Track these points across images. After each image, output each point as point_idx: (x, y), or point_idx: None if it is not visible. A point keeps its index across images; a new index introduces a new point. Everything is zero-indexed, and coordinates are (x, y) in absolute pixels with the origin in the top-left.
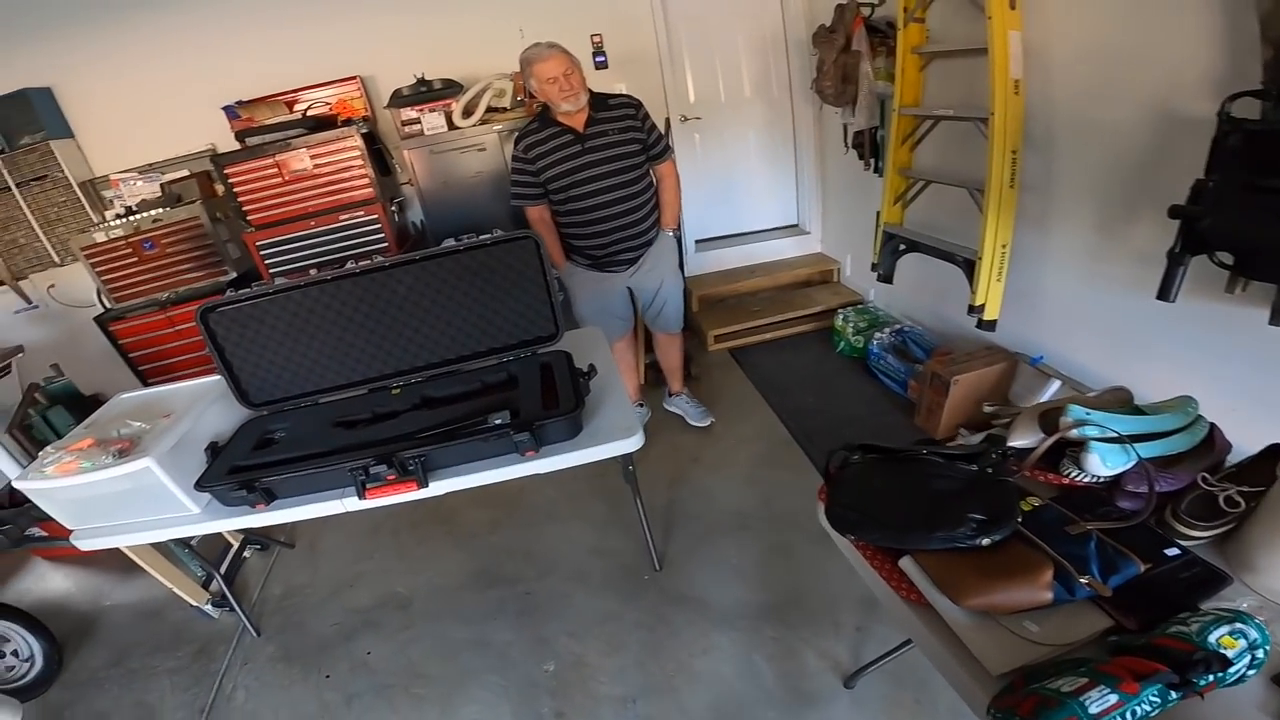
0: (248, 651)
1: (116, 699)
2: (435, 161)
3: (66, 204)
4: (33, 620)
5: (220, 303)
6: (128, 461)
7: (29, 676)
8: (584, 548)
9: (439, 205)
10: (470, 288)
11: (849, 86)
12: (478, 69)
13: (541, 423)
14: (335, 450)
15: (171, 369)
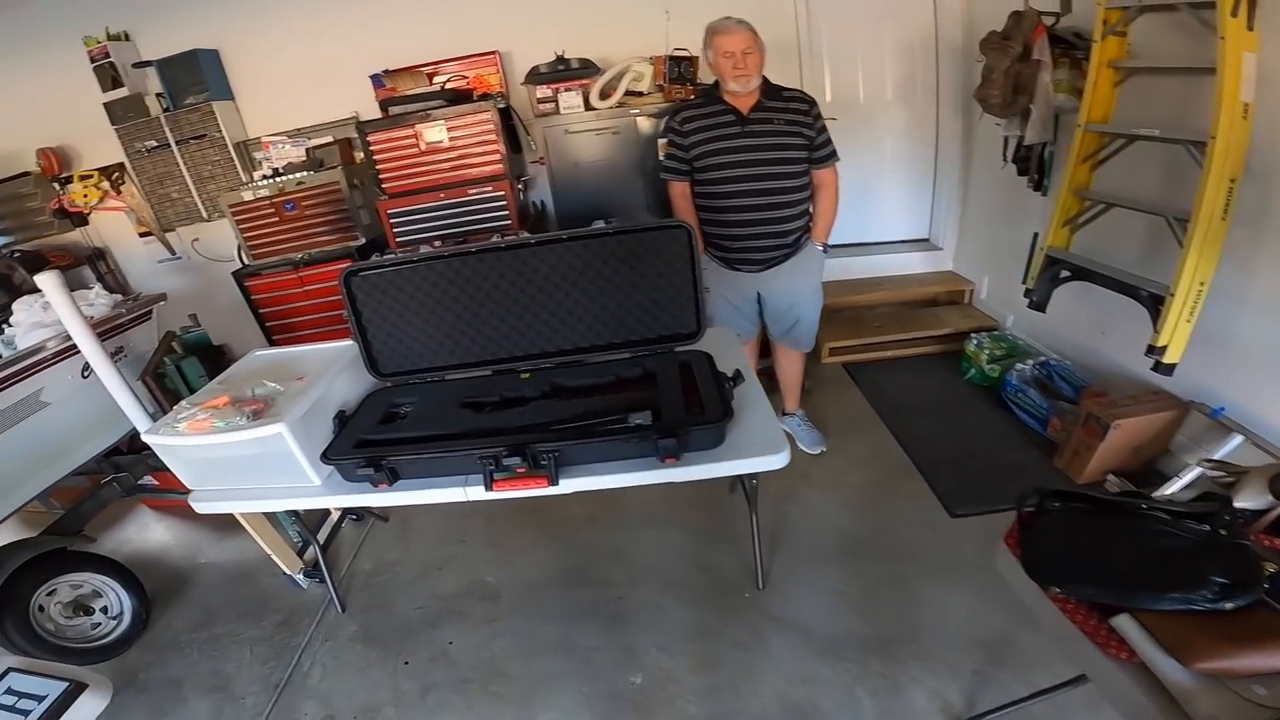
0: (330, 627)
1: (194, 665)
2: (568, 141)
3: (220, 163)
4: (129, 576)
5: (364, 267)
6: (260, 425)
7: (113, 635)
8: (681, 557)
9: (567, 186)
10: (614, 274)
11: (1020, 97)
12: (615, 51)
13: (688, 429)
14: (463, 434)
15: (295, 328)
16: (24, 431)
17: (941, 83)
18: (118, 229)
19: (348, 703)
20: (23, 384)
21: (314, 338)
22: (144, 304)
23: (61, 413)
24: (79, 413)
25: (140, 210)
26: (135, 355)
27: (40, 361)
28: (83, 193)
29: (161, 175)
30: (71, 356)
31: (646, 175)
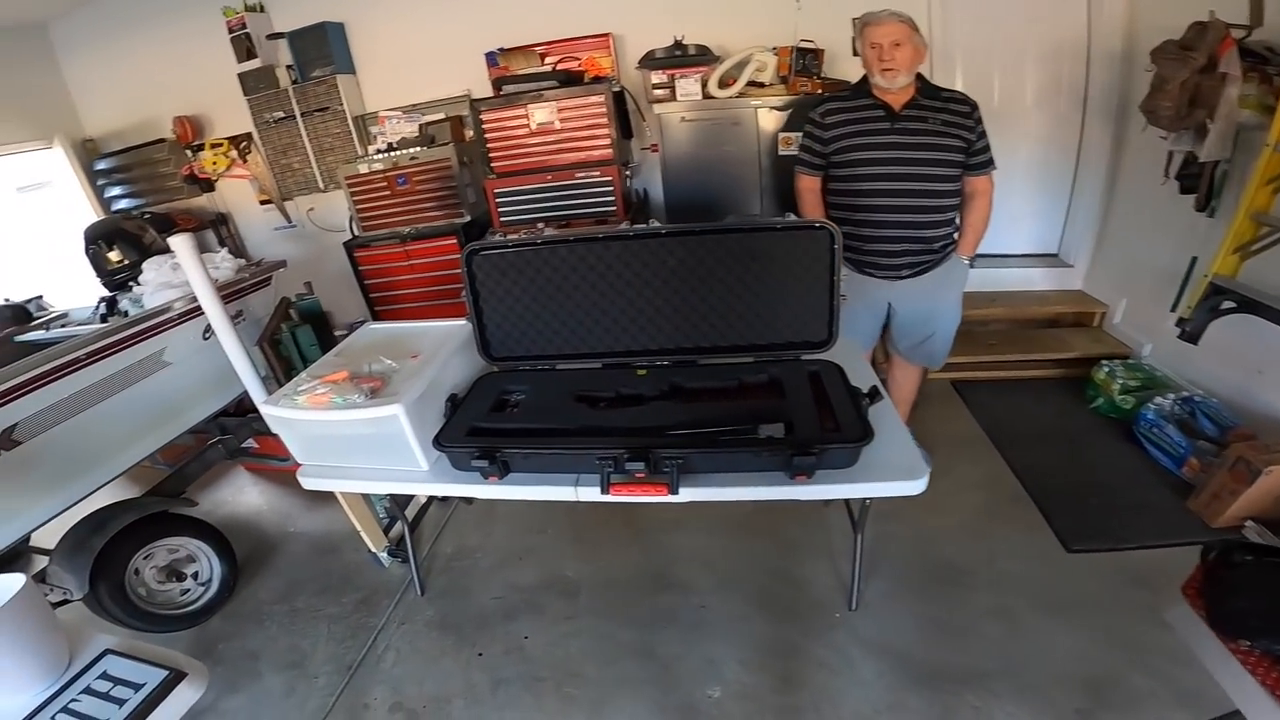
0: (408, 610)
1: (272, 639)
2: (684, 129)
3: (339, 135)
4: (223, 543)
5: (486, 245)
6: (377, 405)
7: (200, 602)
8: (772, 569)
9: (679, 175)
10: (744, 272)
11: (1197, 111)
12: (734, 39)
13: (825, 446)
14: (578, 430)
15: (397, 300)
16: (145, 389)
17: (1091, 90)
18: (241, 196)
19: (417, 691)
20: (147, 343)
21: (415, 313)
22: (265, 270)
23: (181, 373)
24: (197, 374)
25: (263, 179)
26: (253, 320)
27: (165, 322)
28: (212, 160)
29: (285, 146)
30: (195, 318)
31: (765, 169)
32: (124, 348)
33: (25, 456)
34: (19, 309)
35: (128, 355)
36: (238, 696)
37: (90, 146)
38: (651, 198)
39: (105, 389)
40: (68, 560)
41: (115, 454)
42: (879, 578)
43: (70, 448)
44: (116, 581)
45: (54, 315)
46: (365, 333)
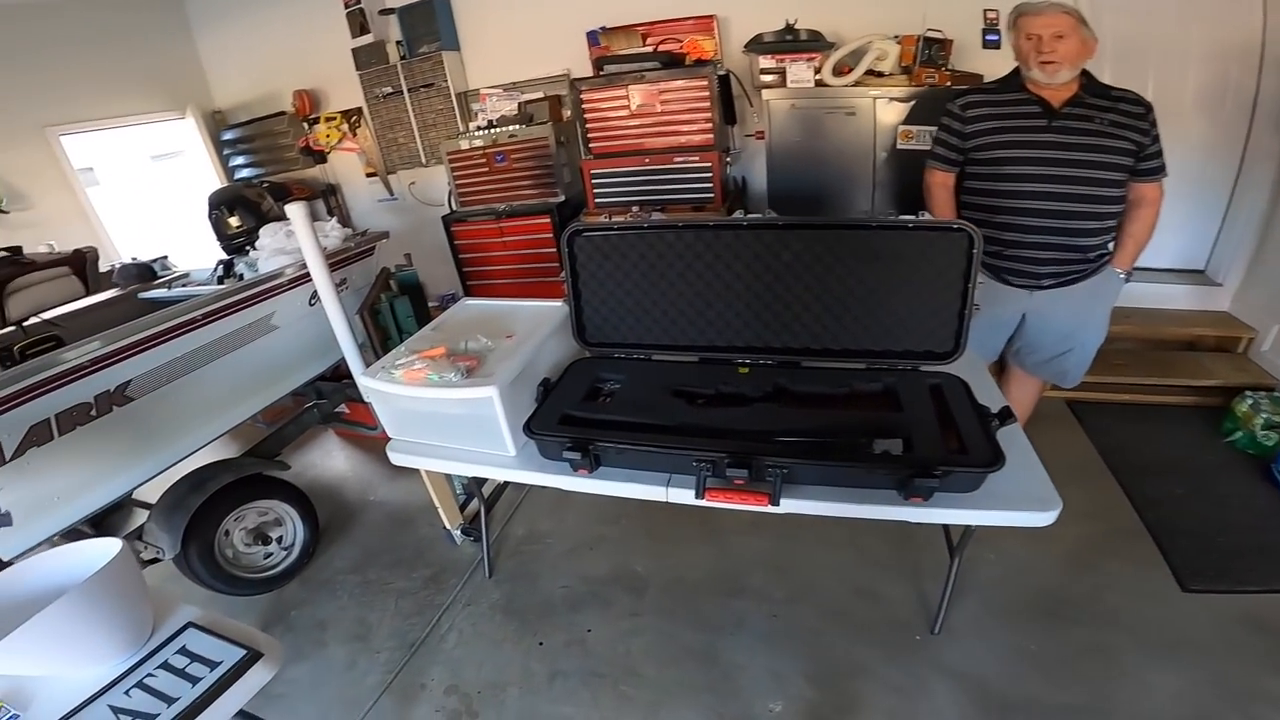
0: (475, 591)
1: (342, 610)
2: (795, 118)
3: (442, 111)
4: (309, 508)
5: (589, 227)
6: (471, 385)
7: (280, 567)
8: (850, 583)
9: (786, 165)
10: (866, 273)
11: None
12: (849, 25)
13: (950, 469)
14: (676, 428)
15: (490, 275)
16: (252, 352)
17: (1262, 97)
18: (349, 168)
19: (475, 675)
20: (258, 307)
21: (506, 289)
22: (369, 240)
23: (287, 337)
24: (301, 339)
25: (370, 152)
26: (355, 288)
27: (276, 287)
28: (326, 133)
29: (392, 121)
30: (302, 284)
31: (879, 163)
32: (236, 311)
33: (136, 412)
34: (145, 267)
35: (239, 318)
36: (302, 665)
37: (219, 118)
38: (751, 186)
39: (216, 350)
40: (165, 519)
41: (221, 413)
42: (967, 602)
43: (178, 406)
44: (207, 542)
45: (176, 275)
46: (461, 308)
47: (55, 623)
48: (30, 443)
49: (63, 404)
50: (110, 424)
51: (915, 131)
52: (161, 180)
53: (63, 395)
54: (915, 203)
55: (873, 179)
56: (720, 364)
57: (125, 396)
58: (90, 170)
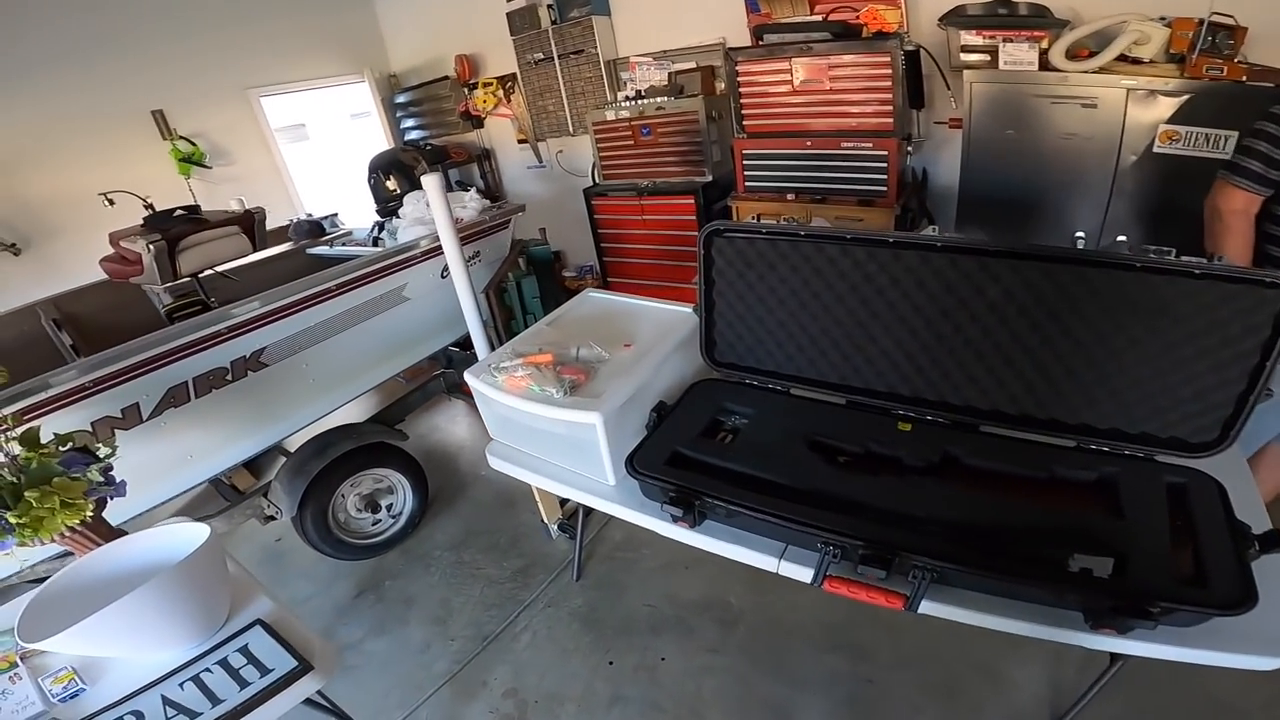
0: (558, 593)
1: (431, 588)
2: (1007, 105)
3: (591, 79)
4: (422, 480)
5: (733, 227)
6: (575, 408)
7: (386, 534)
8: (970, 656)
9: (988, 161)
10: (1112, 326)
11: None
12: (1089, 1)
13: (1173, 607)
14: (808, 495)
15: (626, 254)
16: (384, 322)
17: None
18: (503, 134)
19: (536, 683)
20: (391, 278)
21: (641, 269)
22: (506, 213)
23: (418, 309)
24: (432, 311)
25: (522, 119)
26: (488, 261)
27: (410, 258)
28: (483, 98)
29: (543, 88)
30: (436, 257)
31: (1122, 170)
32: (369, 281)
33: (269, 378)
34: (316, 224)
35: (371, 289)
36: (381, 640)
37: (394, 81)
38: (935, 181)
39: (346, 320)
40: (288, 481)
41: (348, 382)
42: (1110, 702)
43: (307, 373)
44: (322, 506)
45: (340, 233)
46: (584, 300)
47: (134, 609)
48: (168, 404)
49: (201, 368)
50: (244, 389)
51: (1182, 133)
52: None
53: (202, 359)
54: (1165, 223)
55: (1110, 188)
56: (874, 413)
57: (260, 362)
58: (303, 126)
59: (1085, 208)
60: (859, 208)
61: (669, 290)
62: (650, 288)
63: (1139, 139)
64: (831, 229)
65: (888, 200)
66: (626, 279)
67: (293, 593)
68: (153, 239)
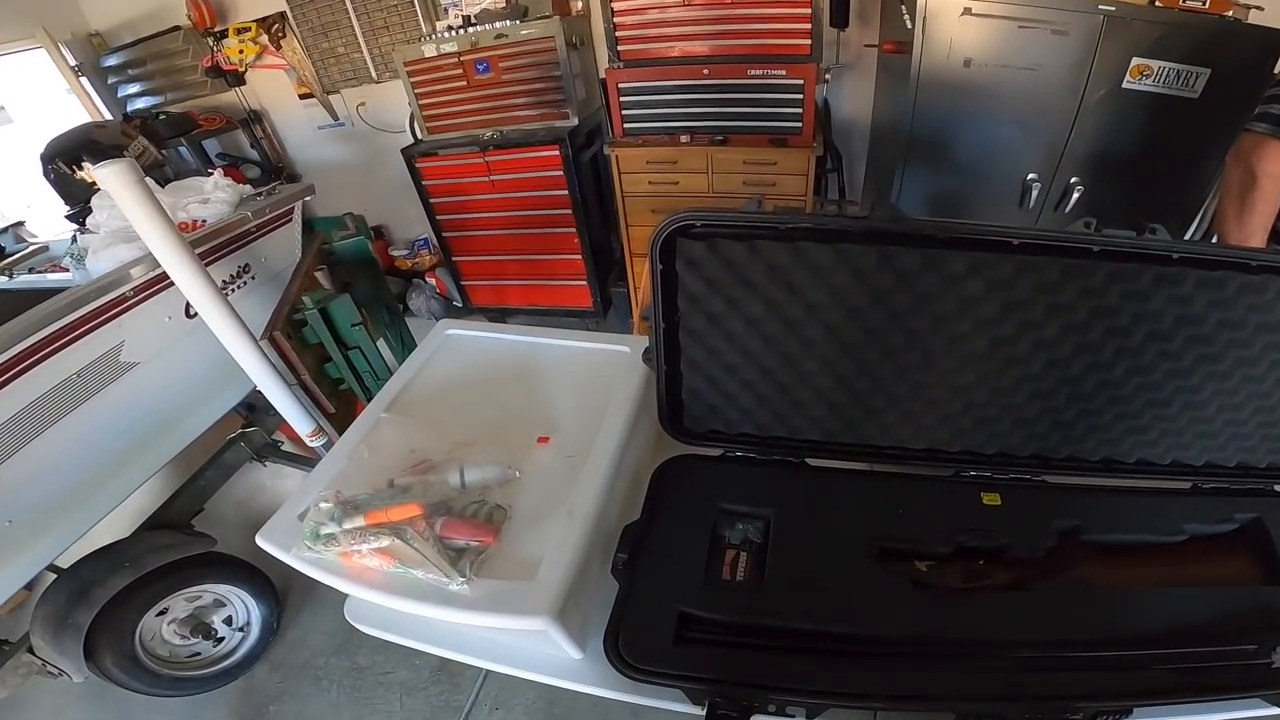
0: (501, 690)
1: (334, 708)
2: (969, 28)
3: (396, 9)
4: (258, 578)
5: (711, 222)
6: (492, 611)
7: (239, 653)
8: None
9: (937, 93)
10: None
11: None
12: None
13: None
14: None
15: (473, 225)
16: (104, 406)
17: None
18: (276, 89)
19: None
20: (93, 337)
21: (496, 243)
22: (283, 200)
23: (155, 374)
24: (182, 372)
25: (301, 68)
26: (269, 274)
27: (118, 301)
28: (238, 48)
29: (327, 25)
30: (166, 290)
31: (1084, 110)
32: (46, 355)
33: None
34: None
35: (55, 367)
36: None
37: (97, 42)
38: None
39: (26, 427)
40: (53, 640)
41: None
42: None
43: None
44: (124, 654)
45: (27, 250)
46: (443, 347)
47: None
48: None
49: None
50: None
51: (1155, 67)
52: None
53: None
54: (1120, 166)
55: (1070, 127)
56: (941, 484)
57: None
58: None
59: (1037, 149)
60: (771, 149)
61: (542, 265)
62: (513, 263)
63: (1108, 73)
64: (862, 218)
65: (803, 138)
66: (477, 255)
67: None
68: None
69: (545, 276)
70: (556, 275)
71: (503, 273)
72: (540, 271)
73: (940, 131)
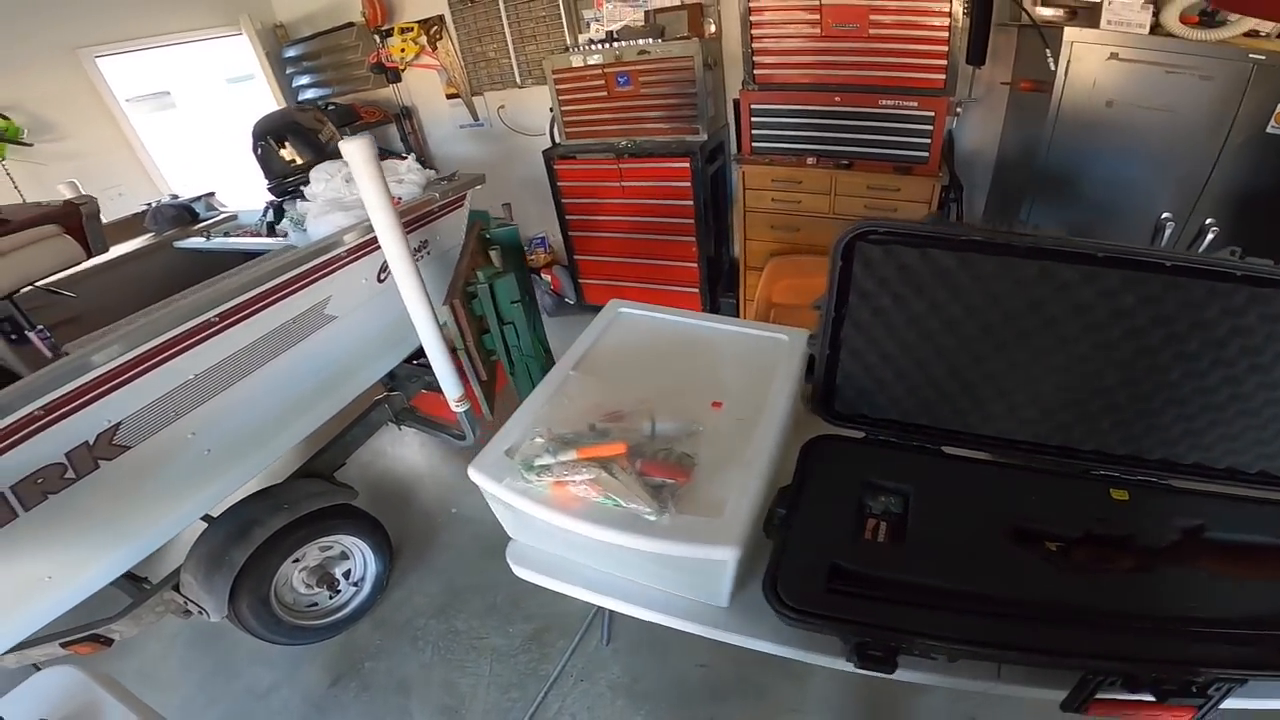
0: (588, 663)
1: (427, 669)
2: (1112, 71)
3: (545, 20)
4: (382, 536)
5: (894, 229)
6: (684, 540)
7: (349, 607)
8: None
9: (1075, 131)
10: None
11: None
12: None
13: None
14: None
15: (599, 226)
16: (304, 352)
17: None
18: (427, 88)
19: None
20: (309, 290)
21: (618, 245)
22: (460, 186)
23: (348, 328)
24: (366, 329)
25: (452, 69)
26: (439, 251)
27: (333, 261)
28: (400, 47)
29: (481, 30)
30: (367, 255)
31: (1225, 155)
32: (272, 302)
33: (138, 462)
34: (184, 208)
35: (276, 313)
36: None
37: (280, 32)
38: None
39: (248, 361)
40: (204, 578)
41: (266, 439)
42: None
43: (204, 440)
44: (261, 597)
45: (220, 218)
46: (615, 321)
47: None
48: None
49: (20, 470)
50: (98, 485)
51: None
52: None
53: (16, 458)
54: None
55: (1209, 171)
56: (1070, 478)
57: (115, 445)
58: (167, 94)
59: (1172, 188)
60: (895, 175)
61: (658, 270)
62: (631, 266)
63: (1254, 119)
64: (1048, 236)
65: (929, 167)
66: (599, 256)
67: (249, 684)
68: None
69: (660, 281)
70: (671, 281)
71: (619, 274)
72: (656, 276)
73: (1074, 166)
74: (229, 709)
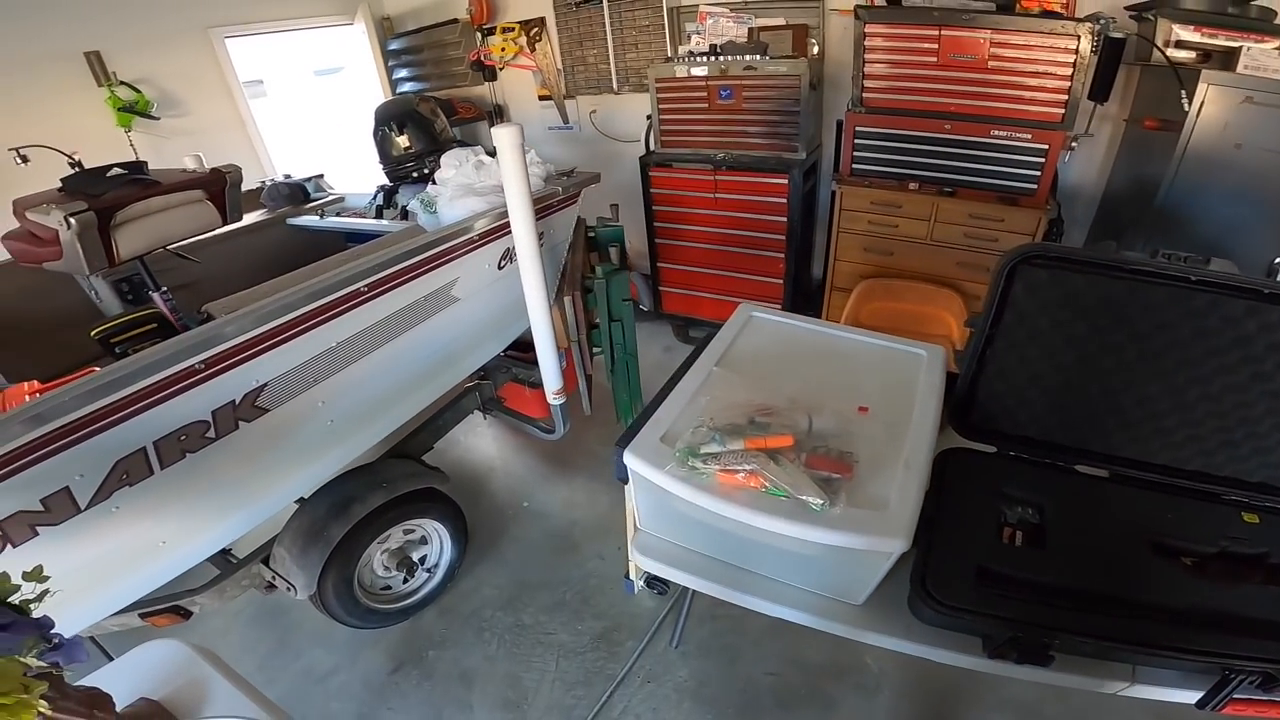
0: (656, 664)
1: (491, 661)
2: (1240, 114)
3: (648, 29)
4: (461, 523)
5: (1062, 255)
6: (852, 531)
7: (420, 593)
8: None
9: (1198, 174)
10: None
11: None
12: None
13: None
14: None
15: (688, 236)
16: (426, 332)
17: None
18: (521, 88)
19: None
20: (440, 271)
21: (705, 256)
22: (578, 183)
23: (468, 312)
24: (483, 313)
25: (547, 71)
26: (551, 245)
27: (464, 245)
28: (501, 45)
29: (583, 35)
30: (492, 242)
31: None
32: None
33: (272, 426)
34: (297, 188)
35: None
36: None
37: (387, 25)
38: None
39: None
40: (299, 551)
41: (379, 415)
42: None
43: (329, 410)
44: (346, 575)
45: (329, 199)
46: (749, 325)
47: None
48: (118, 483)
49: (166, 426)
50: (232, 447)
51: None
52: (324, 97)
53: (166, 413)
54: None
55: None
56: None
57: (256, 407)
58: (259, 83)
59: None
60: (999, 205)
61: (740, 283)
62: (713, 277)
63: None
64: (1250, 279)
65: (1036, 200)
66: (683, 265)
67: (308, 665)
68: (75, 209)
69: (741, 294)
70: (754, 296)
71: (700, 284)
72: (740, 290)
73: (1193, 205)
74: (287, 689)
